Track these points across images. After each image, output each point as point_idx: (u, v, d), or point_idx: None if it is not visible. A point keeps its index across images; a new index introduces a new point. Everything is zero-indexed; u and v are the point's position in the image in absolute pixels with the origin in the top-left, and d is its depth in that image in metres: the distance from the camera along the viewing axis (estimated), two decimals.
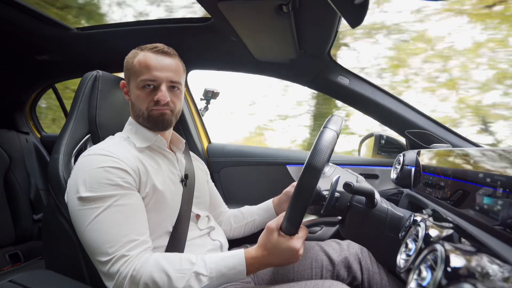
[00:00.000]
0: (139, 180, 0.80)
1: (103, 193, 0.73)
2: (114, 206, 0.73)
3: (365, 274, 0.95)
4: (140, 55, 0.88)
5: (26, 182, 1.82)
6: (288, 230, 0.71)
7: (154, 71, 0.85)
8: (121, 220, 0.73)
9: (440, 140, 1.20)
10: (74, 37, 1.29)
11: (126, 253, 0.70)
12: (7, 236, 1.68)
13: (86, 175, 0.75)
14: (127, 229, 0.73)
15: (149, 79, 0.85)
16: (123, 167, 0.78)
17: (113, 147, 0.82)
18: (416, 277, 0.47)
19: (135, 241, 0.72)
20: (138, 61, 0.87)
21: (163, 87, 0.86)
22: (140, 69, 0.86)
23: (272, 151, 1.55)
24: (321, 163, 0.62)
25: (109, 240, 0.71)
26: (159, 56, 0.88)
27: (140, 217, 0.77)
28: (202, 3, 0.89)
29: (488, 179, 0.54)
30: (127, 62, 0.90)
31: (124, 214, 0.74)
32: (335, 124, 0.71)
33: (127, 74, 0.90)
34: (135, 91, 0.88)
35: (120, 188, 0.75)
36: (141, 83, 0.86)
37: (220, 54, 1.28)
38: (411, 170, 1.02)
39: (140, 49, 0.90)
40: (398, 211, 0.77)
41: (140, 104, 0.88)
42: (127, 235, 0.72)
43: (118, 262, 0.69)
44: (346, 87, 1.23)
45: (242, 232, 1.15)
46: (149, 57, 0.87)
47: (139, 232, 0.75)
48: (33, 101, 1.97)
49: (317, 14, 0.88)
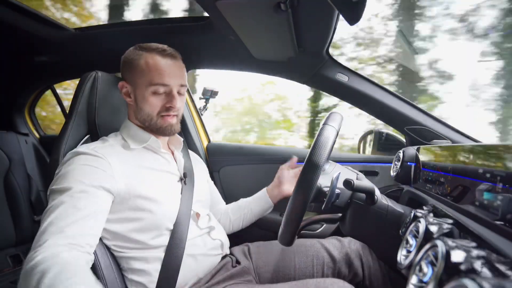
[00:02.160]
0: (125, 183, 0.79)
1: (71, 184, 0.71)
2: (74, 197, 0.70)
3: (366, 270, 0.95)
4: (148, 56, 0.86)
5: (26, 183, 1.82)
6: (288, 226, 0.71)
7: (165, 76, 0.85)
8: (72, 214, 0.68)
9: (440, 136, 1.20)
10: (72, 37, 1.29)
11: (56, 241, 0.64)
12: (8, 237, 1.68)
13: (65, 169, 0.75)
14: (74, 224, 0.67)
15: (162, 83, 0.85)
16: (104, 168, 0.77)
17: (101, 148, 0.81)
18: (417, 273, 0.47)
19: (74, 237, 0.66)
20: (147, 63, 0.85)
21: (175, 93, 0.87)
22: (149, 72, 0.85)
23: (271, 150, 1.55)
24: (322, 159, 0.63)
25: (52, 229, 0.66)
26: (168, 59, 0.87)
27: (94, 220, 0.71)
28: (200, 2, 0.89)
29: (488, 175, 0.54)
30: (131, 61, 0.88)
31: (78, 209, 0.69)
32: (335, 121, 0.71)
33: (131, 74, 0.88)
34: (144, 94, 0.86)
35: (90, 186, 0.73)
36: (153, 88, 0.85)
37: (219, 53, 1.28)
38: (411, 166, 1.02)
39: (144, 49, 0.87)
40: (398, 207, 0.77)
41: (150, 109, 0.87)
42: (72, 229, 0.66)
43: (44, 250, 0.62)
44: (345, 85, 1.23)
45: (241, 224, 1.16)
46: (158, 61, 0.85)
47: (83, 232, 0.68)
48: (32, 102, 1.97)
49: (315, 11, 0.87)
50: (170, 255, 0.83)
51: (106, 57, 1.40)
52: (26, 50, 1.45)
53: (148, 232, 0.82)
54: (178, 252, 0.83)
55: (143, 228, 0.81)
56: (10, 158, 1.76)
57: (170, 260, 0.82)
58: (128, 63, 0.89)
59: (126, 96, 0.91)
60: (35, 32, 1.26)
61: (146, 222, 0.81)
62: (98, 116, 0.97)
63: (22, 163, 1.82)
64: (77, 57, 1.47)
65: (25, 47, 1.42)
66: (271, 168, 1.51)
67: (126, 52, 0.92)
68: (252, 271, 0.97)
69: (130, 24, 1.21)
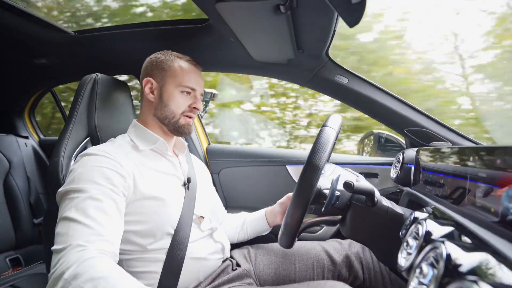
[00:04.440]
0: (133, 184, 0.80)
1: (87, 185, 0.72)
2: (92, 198, 0.70)
3: (367, 273, 0.95)
4: (181, 62, 0.95)
5: (26, 186, 1.82)
6: (288, 228, 0.71)
7: (194, 81, 0.95)
8: (92, 213, 0.68)
9: (439, 138, 1.20)
10: (72, 40, 1.29)
11: (84, 243, 0.64)
12: (7, 240, 1.67)
13: (78, 171, 0.75)
14: (94, 223, 0.67)
15: (191, 87, 0.94)
16: (117, 170, 0.77)
17: (112, 150, 0.82)
18: (417, 275, 0.47)
19: (99, 235, 0.67)
20: (180, 66, 0.94)
21: (199, 96, 0.97)
22: (182, 74, 0.93)
23: (271, 152, 1.55)
24: (322, 161, 0.63)
25: (74, 228, 0.65)
26: (196, 69, 0.98)
27: (112, 220, 0.72)
28: (199, 4, 0.89)
29: (488, 176, 0.54)
30: (163, 63, 0.94)
31: (98, 209, 0.69)
32: (335, 123, 0.71)
33: (162, 74, 0.94)
34: (172, 91, 0.92)
35: (105, 188, 0.73)
36: (182, 88, 0.93)
37: (219, 55, 1.29)
38: (410, 168, 1.02)
39: (175, 55, 0.96)
40: (399, 209, 0.77)
41: (176, 106, 0.93)
42: (93, 228, 0.67)
43: (72, 251, 0.62)
44: (345, 87, 1.23)
45: (235, 239, 1.14)
46: (190, 67, 0.96)
47: (105, 231, 0.68)
48: (31, 105, 1.97)
49: (314, 13, 0.88)
50: (171, 258, 0.82)
51: (106, 60, 1.40)
52: (26, 53, 1.45)
53: (149, 236, 0.82)
54: (179, 255, 0.83)
55: (145, 231, 0.81)
56: (10, 161, 1.76)
57: (171, 263, 0.82)
58: (159, 63, 0.95)
59: (150, 92, 0.94)
60: (35, 35, 1.27)
61: (149, 225, 0.81)
62: (98, 118, 0.97)
63: (22, 166, 1.82)
64: (77, 60, 1.47)
65: (25, 49, 1.42)
66: (271, 170, 1.52)
67: (153, 55, 0.98)
68: (252, 273, 0.96)
69: (129, 27, 1.21)
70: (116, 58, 1.36)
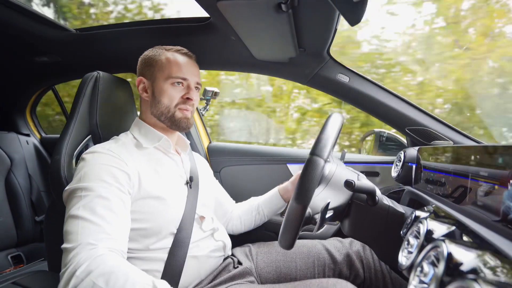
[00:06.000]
0: (138, 183, 0.80)
1: (94, 183, 0.72)
2: (100, 197, 0.71)
3: (367, 272, 0.95)
4: (168, 53, 0.92)
5: (28, 183, 1.82)
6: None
7: (184, 71, 0.91)
8: (101, 212, 0.69)
9: (441, 136, 1.20)
10: (73, 38, 1.29)
11: (94, 241, 0.65)
12: (9, 238, 1.68)
13: (84, 169, 0.75)
14: (103, 221, 0.68)
15: (181, 77, 0.90)
16: (123, 169, 0.78)
17: (116, 148, 0.82)
18: (418, 274, 0.47)
19: (108, 233, 0.68)
20: (167, 58, 0.91)
21: (192, 87, 0.93)
22: (170, 66, 0.90)
23: (272, 150, 1.55)
24: (323, 156, 0.63)
25: (84, 226, 0.66)
26: (186, 58, 0.94)
27: (119, 218, 0.72)
28: (201, 3, 0.89)
29: (489, 175, 0.54)
30: (150, 59, 0.93)
31: (106, 207, 0.70)
32: (336, 120, 0.71)
33: (150, 71, 0.92)
34: (162, 86, 0.90)
35: (113, 186, 0.74)
36: (172, 80, 0.90)
37: (220, 53, 1.28)
38: (412, 167, 1.02)
39: (163, 48, 0.93)
40: (400, 208, 0.77)
41: (168, 100, 0.90)
42: (102, 226, 0.68)
43: (83, 250, 0.63)
44: (346, 85, 1.23)
45: (252, 224, 1.16)
46: (178, 57, 0.92)
47: (113, 230, 0.69)
48: (33, 103, 1.98)
49: (316, 12, 0.87)
50: (173, 257, 0.83)
51: (108, 58, 1.40)
52: (27, 51, 1.46)
53: (152, 235, 0.82)
54: (181, 254, 0.83)
55: (148, 230, 0.81)
56: (11, 159, 1.76)
57: (173, 262, 0.82)
58: (147, 60, 0.93)
59: (143, 91, 0.94)
60: (36, 33, 1.27)
61: (152, 224, 0.81)
62: (99, 116, 0.97)
63: (23, 164, 1.83)
64: (78, 58, 1.47)
65: (27, 47, 1.42)
66: (272, 168, 1.52)
67: (144, 53, 0.96)
68: (253, 271, 0.97)
69: (131, 25, 1.21)
70: (117, 56, 1.36)
